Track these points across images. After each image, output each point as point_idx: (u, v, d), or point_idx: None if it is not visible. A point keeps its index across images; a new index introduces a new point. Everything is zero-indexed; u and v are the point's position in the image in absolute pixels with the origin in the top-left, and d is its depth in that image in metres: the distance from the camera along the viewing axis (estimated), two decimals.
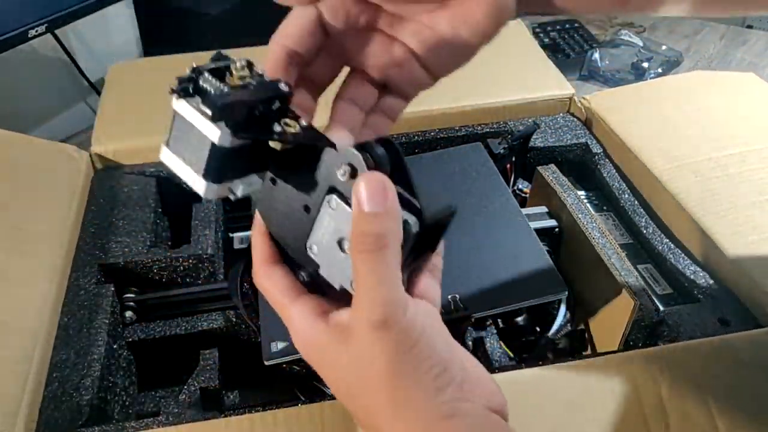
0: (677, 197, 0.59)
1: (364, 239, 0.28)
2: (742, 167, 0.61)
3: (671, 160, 0.63)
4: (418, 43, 0.33)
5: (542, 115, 0.74)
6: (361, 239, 0.28)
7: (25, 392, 0.45)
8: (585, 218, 0.60)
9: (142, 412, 0.56)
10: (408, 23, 0.34)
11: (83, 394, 0.47)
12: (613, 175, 0.67)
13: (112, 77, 0.78)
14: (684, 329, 0.50)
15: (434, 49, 0.33)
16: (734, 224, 0.56)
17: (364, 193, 0.28)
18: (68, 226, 0.59)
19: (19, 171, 0.62)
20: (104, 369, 0.49)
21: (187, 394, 0.48)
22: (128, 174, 0.67)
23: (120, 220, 0.62)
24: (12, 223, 0.56)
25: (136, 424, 0.45)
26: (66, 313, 0.53)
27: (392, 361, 0.28)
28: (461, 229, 0.59)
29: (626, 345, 0.54)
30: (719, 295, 0.53)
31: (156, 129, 0.70)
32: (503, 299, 0.53)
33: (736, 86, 0.73)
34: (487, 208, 0.61)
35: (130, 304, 0.58)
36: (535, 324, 0.61)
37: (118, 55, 1.05)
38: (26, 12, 0.80)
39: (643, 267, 0.60)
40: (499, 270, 0.55)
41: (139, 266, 0.58)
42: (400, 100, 0.36)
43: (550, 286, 0.54)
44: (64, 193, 0.62)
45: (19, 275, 0.52)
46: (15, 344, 0.48)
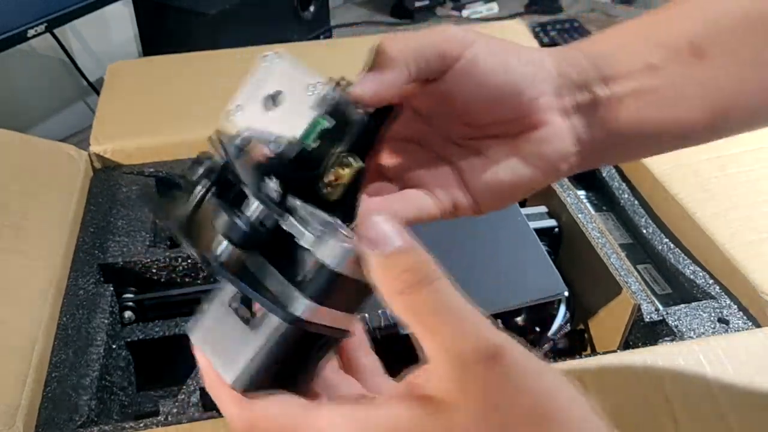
0: (677, 197, 0.59)
1: (403, 278, 0.23)
2: (742, 167, 0.61)
3: (671, 160, 0.63)
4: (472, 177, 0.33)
5: None
6: (398, 281, 0.23)
7: (24, 392, 0.45)
8: (585, 218, 0.60)
9: (141, 412, 0.56)
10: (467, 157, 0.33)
11: (82, 394, 0.47)
12: (613, 175, 0.67)
13: (111, 77, 0.78)
14: (684, 329, 0.50)
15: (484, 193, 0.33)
16: (734, 224, 0.56)
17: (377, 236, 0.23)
18: (67, 226, 0.59)
19: (18, 171, 0.62)
20: (103, 369, 0.49)
21: (186, 394, 0.48)
22: (127, 174, 0.67)
23: (119, 219, 0.61)
24: (10, 223, 0.56)
25: (135, 424, 0.45)
26: (65, 313, 0.52)
27: (537, 390, 0.21)
28: (461, 229, 0.59)
29: (626, 345, 0.54)
30: (719, 295, 0.53)
31: (155, 129, 0.70)
32: (503, 299, 0.53)
33: None
34: None
35: (129, 304, 0.57)
36: (534, 324, 0.60)
37: (117, 55, 1.05)
38: (25, 11, 0.80)
39: (643, 267, 0.60)
40: (499, 270, 0.55)
41: (138, 266, 0.58)
42: None
43: (550, 286, 0.54)
44: (63, 192, 0.62)
45: (18, 275, 0.52)
46: (14, 344, 0.48)
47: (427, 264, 0.23)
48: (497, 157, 0.32)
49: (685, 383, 0.44)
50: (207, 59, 0.80)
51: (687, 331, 0.50)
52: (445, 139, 0.34)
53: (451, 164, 0.33)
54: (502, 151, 0.32)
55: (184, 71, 0.77)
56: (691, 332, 0.50)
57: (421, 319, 0.22)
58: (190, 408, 0.47)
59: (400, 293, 0.22)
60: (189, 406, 0.47)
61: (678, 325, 0.51)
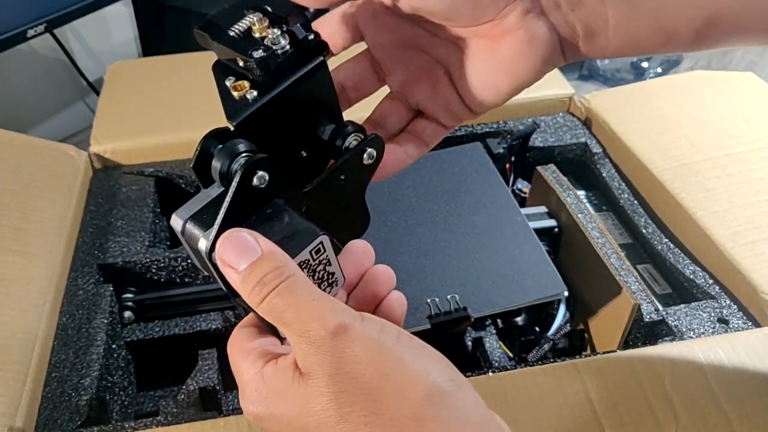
0: (677, 197, 0.59)
1: (260, 283, 0.26)
2: (742, 167, 0.61)
3: (671, 160, 0.63)
4: (457, 72, 0.33)
5: (542, 115, 0.74)
6: (257, 288, 0.26)
7: (24, 392, 0.45)
8: (584, 218, 0.60)
9: (141, 412, 0.56)
10: (450, 48, 0.33)
11: (82, 394, 0.47)
12: (612, 175, 0.67)
13: (110, 77, 0.78)
14: (684, 329, 0.50)
15: (473, 87, 0.33)
16: (734, 224, 0.56)
17: (229, 256, 0.27)
18: (67, 226, 0.59)
19: (18, 171, 0.62)
20: (103, 369, 0.49)
21: (186, 394, 0.48)
22: (127, 174, 0.67)
23: (119, 220, 0.62)
24: (10, 223, 0.56)
25: (134, 424, 0.45)
26: (65, 313, 0.52)
27: (377, 359, 0.25)
28: (461, 229, 0.59)
29: (626, 345, 0.54)
30: (719, 295, 0.53)
31: (155, 129, 0.70)
32: (503, 299, 0.53)
33: (736, 86, 0.73)
34: (487, 208, 0.61)
35: (128, 304, 0.58)
36: (534, 324, 0.61)
37: (116, 55, 1.05)
38: (25, 11, 0.80)
39: (643, 267, 0.60)
40: (499, 270, 0.55)
41: (137, 266, 0.58)
42: (435, 125, 0.35)
43: (550, 286, 0.54)
44: (63, 192, 0.62)
45: (18, 275, 0.52)
46: (14, 344, 0.48)
47: (277, 267, 0.27)
48: (482, 55, 0.33)
49: (685, 383, 0.44)
50: (207, 59, 0.80)
51: (687, 331, 0.50)
52: (435, 38, 0.34)
53: (441, 64, 0.34)
54: (485, 47, 0.32)
55: (184, 71, 0.77)
56: (691, 332, 0.50)
57: (279, 316, 0.26)
58: (190, 408, 0.47)
59: (259, 303, 0.26)
60: (189, 406, 0.47)
61: (678, 325, 0.51)
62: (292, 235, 0.28)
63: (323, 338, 0.25)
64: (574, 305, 0.61)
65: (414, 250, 0.57)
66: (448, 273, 0.55)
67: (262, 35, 0.29)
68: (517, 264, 0.56)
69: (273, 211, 0.29)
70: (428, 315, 0.51)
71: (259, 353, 0.28)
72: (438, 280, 0.54)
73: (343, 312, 0.26)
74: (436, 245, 0.57)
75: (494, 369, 0.47)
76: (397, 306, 0.32)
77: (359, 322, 0.26)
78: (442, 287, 0.54)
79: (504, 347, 0.54)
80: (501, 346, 0.53)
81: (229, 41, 0.29)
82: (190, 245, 0.29)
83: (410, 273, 0.55)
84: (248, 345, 0.29)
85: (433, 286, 0.54)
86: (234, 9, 0.30)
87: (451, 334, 0.53)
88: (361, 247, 0.33)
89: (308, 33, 0.30)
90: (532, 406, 0.43)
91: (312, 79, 0.30)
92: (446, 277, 0.55)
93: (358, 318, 0.26)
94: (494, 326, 0.56)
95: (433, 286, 0.54)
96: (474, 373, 0.46)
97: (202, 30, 0.30)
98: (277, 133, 0.30)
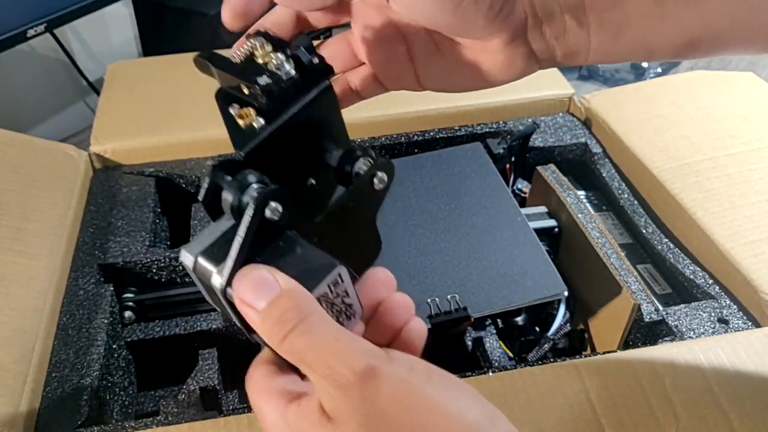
0: (677, 197, 0.59)
1: (280, 322, 0.25)
2: (742, 167, 0.61)
3: (671, 159, 0.63)
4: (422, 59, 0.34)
5: (542, 115, 0.74)
6: (276, 327, 0.25)
7: (24, 392, 0.45)
8: (584, 218, 0.60)
9: (142, 412, 0.56)
10: None
11: (82, 394, 0.47)
12: (612, 175, 0.67)
13: (111, 77, 0.78)
14: (684, 329, 0.50)
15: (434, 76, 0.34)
16: (733, 224, 0.56)
17: (246, 294, 0.25)
18: (67, 226, 0.59)
19: (18, 171, 0.62)
20: (103, 369, 0.49)
21: (187, 394, 0.48)
22: (127, 174, 0.67)
23: (119, 220, 0.62)
24: (10, 223, 0.56)
25: (135, 424, 0.45)
26: (65, 313, 0.53)
27: (409, 403, 0.24)
28: (461, 229, 0.59)
29: (626, 345, 0.54)
30: (719, 295, 0.53)
31: (155, 129, 0.70)
32: (503, 299, 0.53)
33: (736, 86, 0.73)
34: (487, 208, 0.61)
35: (129, 304, 0.58)
36: (534, 324, 0.61)
37: (117, 55, 1.05)
38: (25, 11, 0.80)
39: (643, 267, 0.60)
40: (499, 270, 0.55)
41: (138, 266, 0.58)
42: (376, 84, 0.36)
43: (550, 286, 0.54)
44: (63, 192, 0.62)
45: (18, 275, 0.52)
46: (14, 344, 0.48)
47: (297, 305, 0.25)
48: (457, 57, 0.33)
49: (685, 383, 0.44)
50: None
51: (687, 331, 0.50)
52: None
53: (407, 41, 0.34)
54: (462, 52, 0.33)
55: (184, 71, 0.77)
56: (691, 332, 0.50)
57: (301, 357, 0.25)
58: (190, 408, 0.47)
59: (281, 343, 0.25)
60: (189, 406, 0.47)
61: (678, 325, 0.51)
62: (308, 269, 0.27)
63: (351, 383, 0.24)
64: (574, 305, 0.61)
65: (414, 250, 0.57)
66: (448, 273, 0.55)
67: (265, 61, 0.28)
68: (517, 264, 0.56)
69: (286, 244, 0.28)
70: (428, 315, 0.51)
71: (279, 393, 0.27)
72: (438, 280, 0.54)
73: (369, 353, 0.25)
74: (436, 245, 0.57)
75: (494, 369, 0.47)
76: (416, 337, 0.30)
77: (387, 363, 0.25)
78: (442, 287, 0.54)
79: (504, 347, 0.54)
80: (501, 346, 0.53)
81: (232, 68, 0.28)
82: (202, 281, 0.28)
83: (410, 273, 0.55)
84: (269, 384, 0.28)
85: (433, 286, 0.54)
86: None
87: (451, 334, 0.53)
88: (383, 276, 0.31)
89: (313, 57, 0.29)
90: (531, 406, 0.43)
91: (319, 103, 0.29)
92: (446, 277, 0.55)
93: (385, 359, 0.25)
94: (494, 326, 0.56)
95: (433, 286, 0.54)
96: (474, 373, 0.46)
97: (203, 57, 0.29)
98: (284, 161, 0.29)
